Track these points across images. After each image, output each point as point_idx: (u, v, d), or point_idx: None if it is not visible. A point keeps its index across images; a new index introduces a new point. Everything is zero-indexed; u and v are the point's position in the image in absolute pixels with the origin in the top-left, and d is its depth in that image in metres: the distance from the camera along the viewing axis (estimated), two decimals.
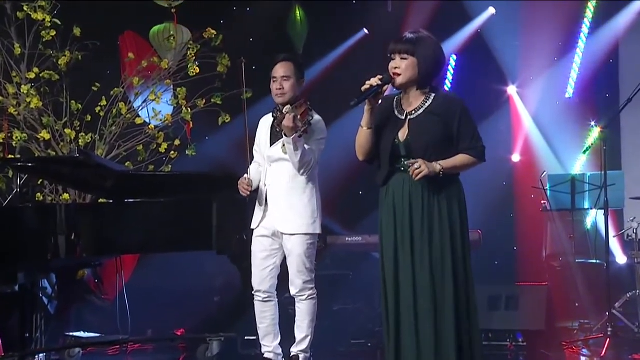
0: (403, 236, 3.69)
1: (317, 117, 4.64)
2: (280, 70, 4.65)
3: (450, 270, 3.63)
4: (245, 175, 4.71)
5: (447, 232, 3.65)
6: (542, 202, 7.49)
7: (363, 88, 3.72)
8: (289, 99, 4.61)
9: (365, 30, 9.46)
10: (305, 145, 4.52)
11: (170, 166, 6.92)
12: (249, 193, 4.65)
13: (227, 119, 6.92)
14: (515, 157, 9.04)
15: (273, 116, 4.69)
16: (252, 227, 4.74)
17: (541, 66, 8.78)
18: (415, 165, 3.62)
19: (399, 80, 3.74)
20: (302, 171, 4.55)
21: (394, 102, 3.79)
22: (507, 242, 8.66)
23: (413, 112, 3.75)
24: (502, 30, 8.78)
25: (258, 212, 4.71)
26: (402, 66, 3.73)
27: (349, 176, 8.92)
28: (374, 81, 3.68)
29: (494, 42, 8.83)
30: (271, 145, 4.67)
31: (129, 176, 5.88)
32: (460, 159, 3.68)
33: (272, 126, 4.69)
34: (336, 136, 8.85)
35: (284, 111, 4.54)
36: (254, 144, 4.77)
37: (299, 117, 4.40)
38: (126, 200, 5.66)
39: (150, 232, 5.42)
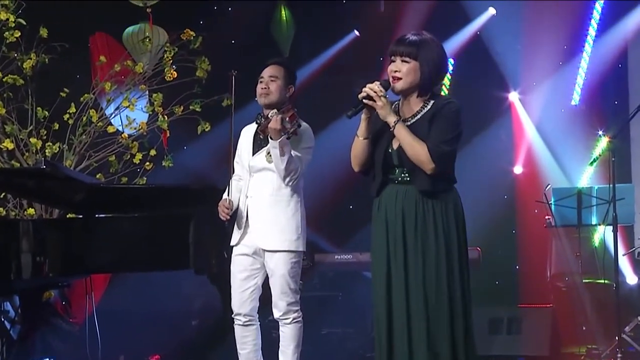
0: (396, 253, 3.70)
1: (304, 125, 4.65)
2: (268, 71, 4.68)
3: (446, 291, 3.63)
4: (225, 197, 4.69)
5: (442, 249, 3.65)
6: (546, 217, 7.52)
7: (360, 96, 3.72)
8: (273, 100, 4.62)
9: (356, 32, 9.50)
10: (293, 152, 4.54)
11: (145, 178, 6.91)
12: (228, 217, 4.65)
13: (206, 128, 6.93)
14: (518, 169, 9.08)
15: (256, 123, 4.70)
16: (232, 244, 4.73)
17: (545, 71, 8.83)
18: (379, 93, 3.65)
19: (399, 85, 3.74)
20: (287, 180, 4.55)
21: (393, 108, 3.81)
22: (509, 260, 8.69)
23: (410, 119, 3.76)
24: (503, 32, 8.84)
25: (238, 227, 4.70)
26: (403, 70, 3.74)
27: (339, 188, 8.93)
28: (373, 87, 3.69)
29: (495, 45, 8.88)
30: (254, 154, 4.66)
31: (100, 189, 5.87)
32: (419, 145, 3.64)
33: (255, 134, 4.69)
34: (325, 145, 8.89)
35: (269, 115, 4.54)
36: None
37: (287, 119, 4.42)
38: (97, 215, 5.65)
39: (123, 249, 5.41)
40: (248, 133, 4.77)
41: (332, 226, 8.89)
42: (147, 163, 6.90)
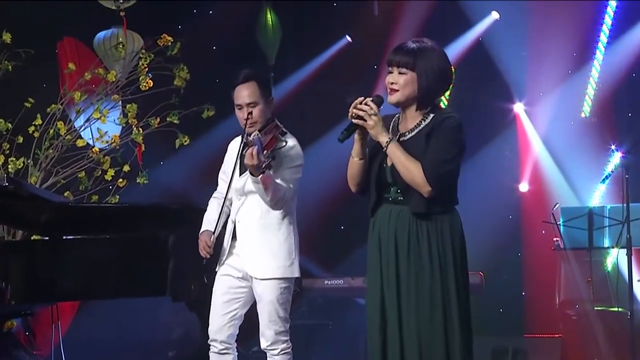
0: (388, 276, 3.71)
1: (291, 141, 4.63)
2: (244, 95, 4.60)
3: (441, 320, 3.63)
4: (208, 230, 4.67)
5: (437, 274, 3.65)
6: (555, 239, 7.54)
7: (349, 116, 3.72)
8: (259, 127, 4.61)
9: (348, 37, 9.54)
10: (277, 180, 4.50)
11: (117, 196, 6.89)
12: (209, 256, 4.65)
13: (185, 142, 6.92)
14: (523, 187, 9.11)
15: (242, 141, 4.69)
16: (217, 268, 4.73)
17: (553, 80, 8.87)
18: (369, 111, 3.64)
19: (395, 97, 3.74)
20: (276, 207, 4.56)
21: (392, 123, 3.82)
22: (514, 286, 8.70)
23: (407, 133, 3.77)
24: (508, 38, 8.88)
25: (225, 249, 4.69)
26: (399, 81, 3.73)
27: (329, 207, 8.93)
28: (361, 107, 3.69)
29: (498, 52, 8.92)
30: (241, 175, 4.65)
31: (68, 208, 5.86)
32: (414, 165, 3.65)
33: (241, 153, 4.66)
34: (314, 160, 8.89)
35: (250, 138, 4.53)
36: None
37: (263, 149, 4.36)
38: (64, 237, 5.64)
39: (93, 274, 5.39)
40: (234, 148, 4.75)
41: (322, 248, 8.89)
42: (120, 180, 6.89)
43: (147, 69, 6.94)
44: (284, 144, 4.55)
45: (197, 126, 6.90)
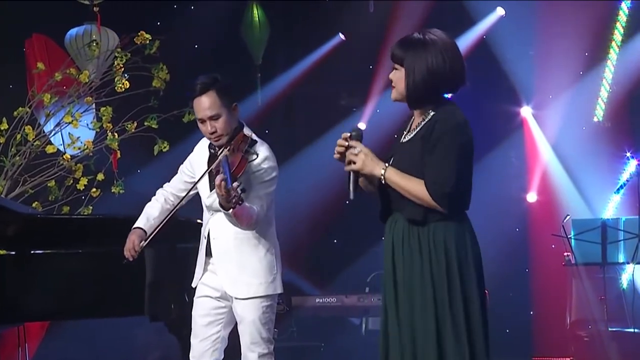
0: (387, 286, 3.75)
1: (262, 152, 4.56)
2: (204, 107, 4.53)
3: (434, 333, 3.65)
4: (141, 233, 4.69)
5: (428, 283, 3.67)
6: (565, 254, 7.55)
7: (336, 155, 3.72)
8: (226, 140, 4.58)
9: (342, 36, 9.55)
10: (251, 196, 4.47)
11: (91, 207, 6.89)
12: (131, 259, 4.65)
13: (164, 148, 6.91)
14: (531, 197, 9.12)
15: (210, 150, 4.67)
16: (193, 284, 4.72)
17: (563, 82, 8.90)
18: (353, 151, 3.66)
19: (392, 95, 3.78)
20: (251, 229, 4.54)
21: (409, 123, 3.87)
22: (522, 304, 8.71)
23: (407, 135, 3.80)
24: (514, 37, 8.91)
25: (200, 266, 4.69)
26: (394, 78, 3.78)
27: (321, 219, 8.93)
28: (341, 143, 3.69)
29: (504, 51, 8.95)
30: (212, 190, 4.62)
31: (36, 220, 5.84)
32: (417, 185, 3.65)
33: (209, 167, 4.62)
34: (304, 168, 8.91)
35: (218, 154, 4.50)
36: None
37: (232, 176, 4.31)
38: (32, 252, 5.62)
39: (64, 292, 5.37)
40: (203, 155, 4.71)
41: (313, 263, 8.89)
42: (94, 189, 6.89)
43: (123, 69, 6.94)
44: (255, 157, 4.51)
45: (177, 131, 6.90)
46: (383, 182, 3.69)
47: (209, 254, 4.66)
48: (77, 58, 7.37)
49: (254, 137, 4.62)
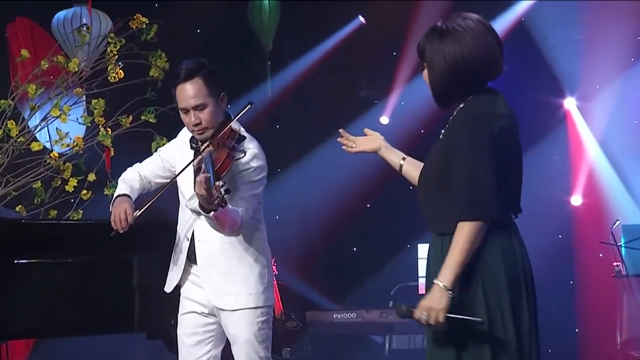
0: None
1: (250, 149, 4.55)
2: (188, 96, 4.54)
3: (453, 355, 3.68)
4: (129, 201, 4.63)
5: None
6: (615, 264, 7.55)
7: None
8: (211, 133, 4.56)
9: (361, 18, 9.56)
10: (235, 198, 4.46)
11: (81, 211, 6.91)
12: (121, 232, 4.59)
13: (163, 144, 6.93)
14: (576, 200, 9.11)
15: (191, 147, 4.67)
16: (167, 289, 4.71)
17: (612, 70, 8.88)
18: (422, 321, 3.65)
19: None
20: (234, 235, 4.52)
21: None
22: (566, 320, 8.69)
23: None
24: (557, 19, 8.89)
25: (177, 270, 4.68)
26: (424, 77, 3.79)
27: (338, 224, 8.94)
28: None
29: (545, 35, 8.94)
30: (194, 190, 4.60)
31: (20, 226, 5.87)
32: (455, 244, 3.62)
33: (191, 163, 4.60)
34: (318, 168, 8.90)
35: (201, 150, 4.49)
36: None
37: (215, 175, 4.28)
38: (16, 261, 5.65)
39: (51, 306, 5.39)
40: (185, 149, 4.71)
41: (329, 274, 8.90)
42: (84, 191, 6.90)
43: (116, 56, 6.96)
44: (242, 155, 4.49)
45: (177, 126, 6.90)
46: (451, 290, 3.62)
47: (192, 259, 4.65)
48: (66, 44, 7.41)
49: (243, 131, 4.61)
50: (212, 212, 4.28)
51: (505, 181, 3.68)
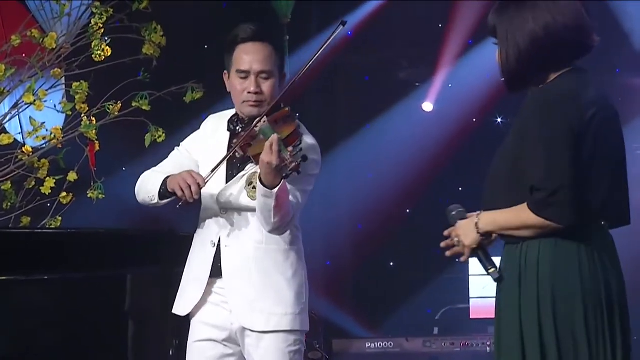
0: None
1: (308, 140, 4.60)
2: (257, 58, 4.59)
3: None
4: (195, 174, 4.50)
5: (511, 312, 3.75)
6: None
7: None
8: (267, 111, 4.57)
9: None
10: (290, 194, 4.47)
11: (59, 218, 6.93)
12: (191, 201, 4.46)
13: (160, 137, 6.94)
14: None
15: (229, 130, 4.67)
16: (183, 312, 4.69)
17: None
18: (455, 240, 3.91)
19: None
20: (277, 233, 4.52)
21: None
22: None
23: None
24: None
25: (199, 286, 4.66)
26: (497, 57, 3.85)
27: (371, 234, 8.93)
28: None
29: (627, 4, 8.93)
30: (229, 181, 4.63)
31: None
32: (514, 212, 3.72)
33: (230, 146, 4.61)
34: (347, 164, 8.90)
35: (256, 130, 4.48)
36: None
37: (284, 145, 4.29)
38: None
39: (25, 332, 5.42)
40: (218, 137, 4.71)
41: (361, 295, 8.89)
42: (64, 194, 6.93)
43: (103, 30, 6.97)
44: (303, 137, 4.50)
45: (176, 114, 6.93)
46: (482, 237, 3.82)
47: (214, 272, 4.62)
48: (41, 15, 7.42)
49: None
50: (278, 186, 4.27)
51: (591, 181, 3.69)
